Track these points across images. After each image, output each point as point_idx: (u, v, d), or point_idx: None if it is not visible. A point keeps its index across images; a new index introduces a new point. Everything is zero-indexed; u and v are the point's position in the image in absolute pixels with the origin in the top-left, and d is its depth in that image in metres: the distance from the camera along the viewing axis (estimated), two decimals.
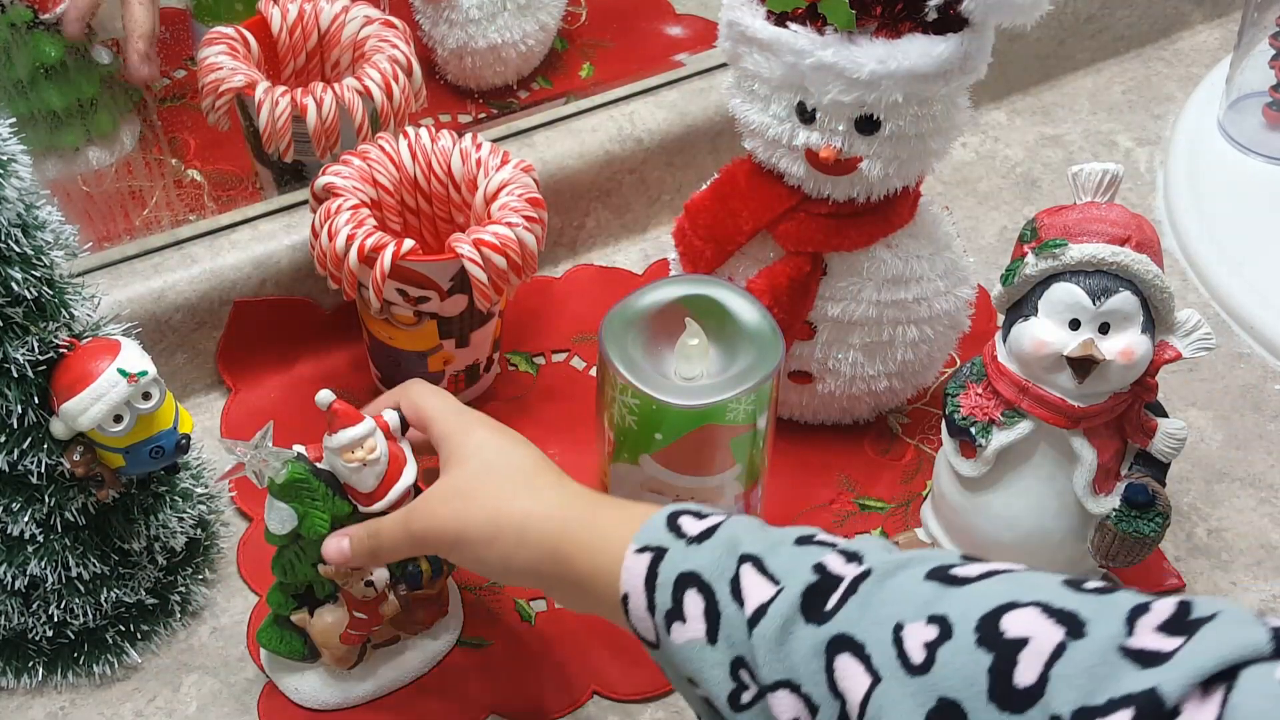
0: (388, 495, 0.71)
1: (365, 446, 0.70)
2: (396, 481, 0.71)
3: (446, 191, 0.90)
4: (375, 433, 0.71)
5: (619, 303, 0.77)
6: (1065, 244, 0.73)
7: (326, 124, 0.90)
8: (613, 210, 1.03)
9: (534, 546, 0.64)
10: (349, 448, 0.70)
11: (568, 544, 0.63)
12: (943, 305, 0.85)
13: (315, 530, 0.71)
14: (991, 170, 1.11)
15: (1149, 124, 1.14)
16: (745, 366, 0.75)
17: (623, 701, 0.80)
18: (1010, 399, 0.76)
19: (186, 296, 0.91)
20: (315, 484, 0.71)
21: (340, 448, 0.70)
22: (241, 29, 0.94)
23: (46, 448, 0.71)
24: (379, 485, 0.71)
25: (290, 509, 0.71)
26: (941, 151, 0.81)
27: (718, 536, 0.59)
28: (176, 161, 1.02)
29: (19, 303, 0.68)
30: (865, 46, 0.74)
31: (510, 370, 0.96)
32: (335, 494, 0.71)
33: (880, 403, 0.91)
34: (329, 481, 0.71)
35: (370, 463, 0.70)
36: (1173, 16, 1.21)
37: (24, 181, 0.67)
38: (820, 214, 0.82)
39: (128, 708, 0.79)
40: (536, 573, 0.65)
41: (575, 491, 0.66)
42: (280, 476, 0.70)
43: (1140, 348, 0.73)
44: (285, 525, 0.72)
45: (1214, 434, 0.93)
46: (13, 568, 0.75)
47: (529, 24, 1.05)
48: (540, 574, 0.65)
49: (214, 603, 0.84)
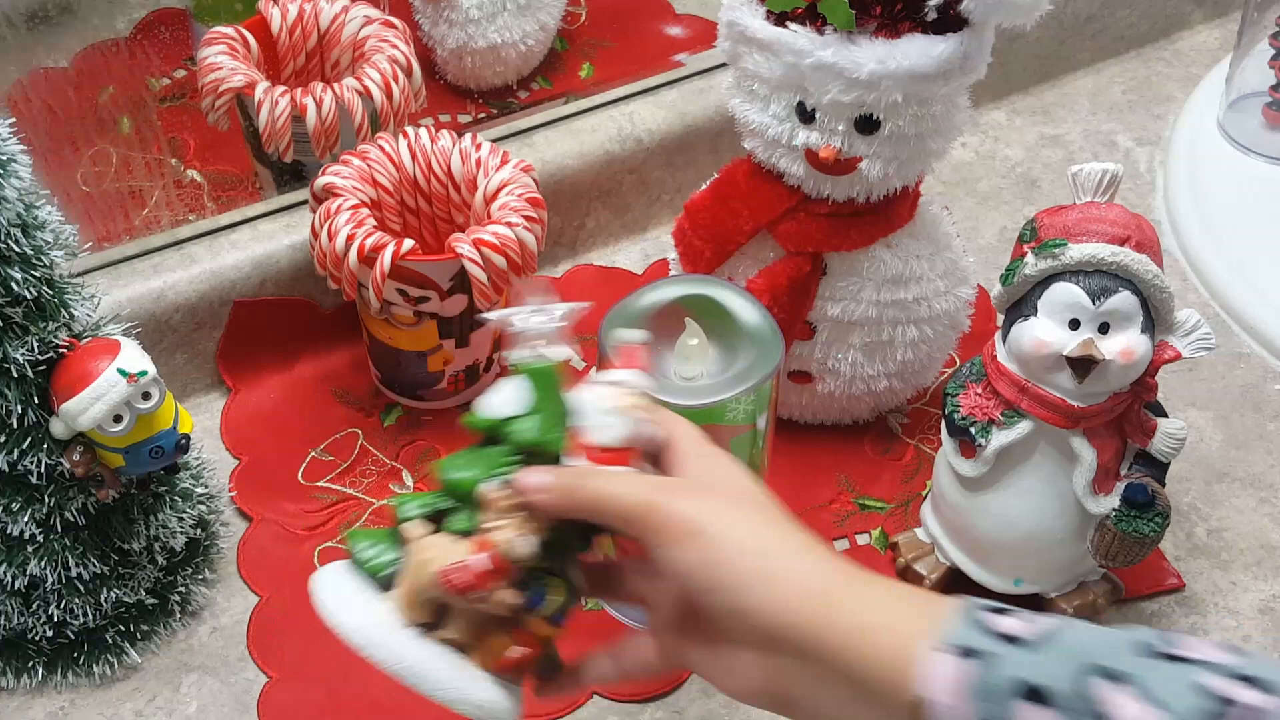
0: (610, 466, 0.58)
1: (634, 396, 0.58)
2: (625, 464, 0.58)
3: (446, 191, 0.90)
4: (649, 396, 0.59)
5: (619, 303, 0.77)
6: (1065, 244, 0.73)
7: (326, 124, 0.90)
8: (613, 210, 1.03)
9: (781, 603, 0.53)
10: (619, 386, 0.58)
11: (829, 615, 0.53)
12: (942, 305, 0.85)
13: (529, 435, 0.57)
14: (991, 170, 1.11)
15: (1149, 124, 1.14)
16: (745, 366, 0.75)
17: (623, 702, 0.80)
18: (1010, 399, 0.76)
19: (186, 296, 0.91)
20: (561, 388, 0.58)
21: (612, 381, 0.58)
22: (241, 29, 0.94)
23: (46, 448, 0.71)
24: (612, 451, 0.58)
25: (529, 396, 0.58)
26: (941, 151, 0.81)
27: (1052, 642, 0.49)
28: (176, 161, 1.02)
29: (19, 303, 0.68)
30: (865, 46, 0.74)
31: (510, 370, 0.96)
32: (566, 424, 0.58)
33: (880, 403, 0.91)
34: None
35: (625, 413, 0.57)
36: (1173, 16, 1.20)
37: (24, 181, 0.67)
38: (820, 214, 0.82)
39: (128, 708, 0.79)
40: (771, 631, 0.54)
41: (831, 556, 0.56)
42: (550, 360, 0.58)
43: (1140, 348, 0.73)
44: (505, 408, 0.58)
45: (1214, 434, 0.93)
46: (13, 568, 0.75)
47: (529, 24, 1.06)
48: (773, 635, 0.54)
49: (214, 603, 0.84)
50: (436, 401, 0.93)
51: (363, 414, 0.93)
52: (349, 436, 0.92)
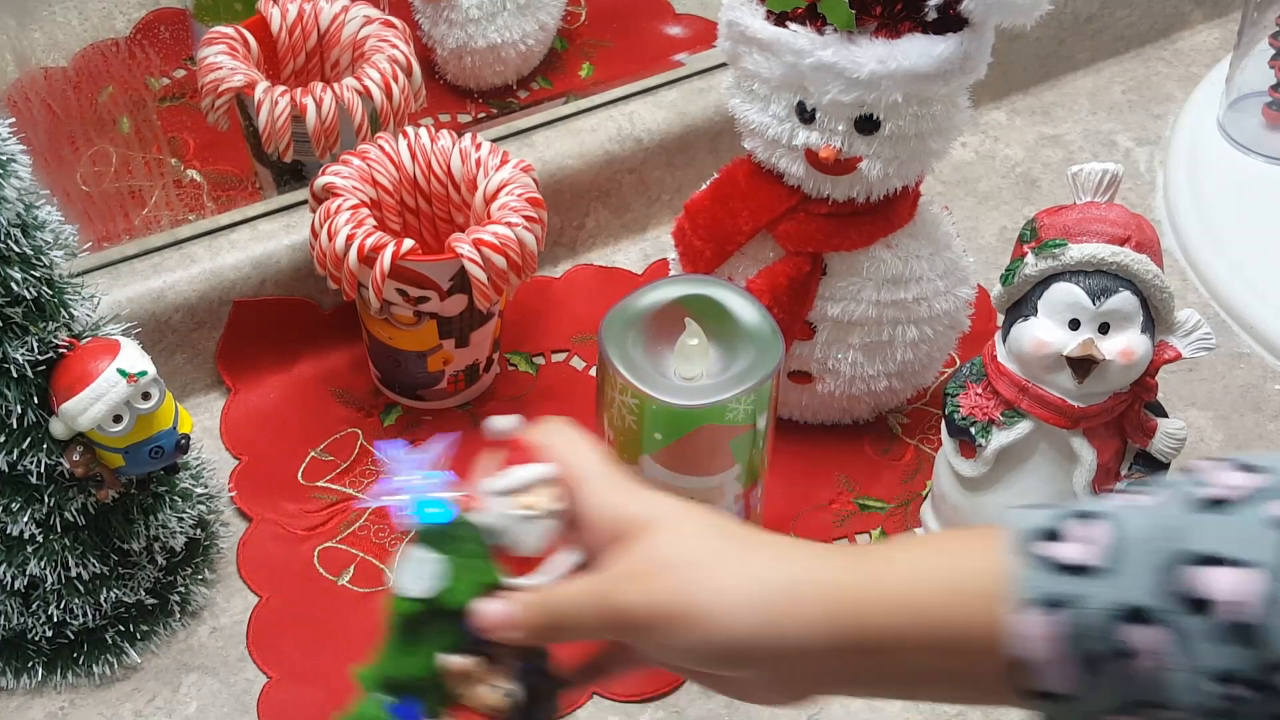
0: (552, 564, 0.56)
1: (546, 493, 0.55)
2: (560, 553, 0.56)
3: (446, 191, 0.90)
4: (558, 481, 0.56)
5: (619, 303, 0.77)
6: (1065, 244, 0.73)
7: (326, 124, 0.90)
8: (612, 210, 1.03)
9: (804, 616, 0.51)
10: (524, 489, 0.55)
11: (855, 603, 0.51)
12: (942, 305, 0.85)
13: (457, 599, 0.54)
14: (991, 170, 1.11)
15: (1149, 124, 1.14)
16: (745, 366, 0.75)
17: (623, 701, 0.80)
18: (1010, 399, 0.76)
19: (186, 296, 0.91)
20: (476, 536, 0.55)
21: (513, 488, 0.55)
22: (241, 29, 0.94)
23: (46, 448, 0.71)
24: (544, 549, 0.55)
25: (439, 562, 0.54)
26: (941, 151, 0.81)
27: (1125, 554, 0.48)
28: (176, 161, 1.02)
29: (19, 303, 0.68)
30: (865, 46, 0.74)
31: (510, 370, 0.96)
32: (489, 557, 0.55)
33: (880, 403, 0.91)
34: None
35: (545, 515, 0.55)
36: (1173, 16, 1.20)
37: (24, 181, 0.67)
38: (820, 214, 0.82)
39: (127, 708, 0.79)
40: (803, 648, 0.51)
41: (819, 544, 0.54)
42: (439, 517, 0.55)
43: (1140, 348, 0.73)
44: (426, 584, 0.54)
45: (1214, 434, 0.93)
46: (12, 568, 0.75)
47: (529, 24, 1.05)
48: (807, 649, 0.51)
49: (214, 603, 0.84)
50: (436, 401, 0.93)
51: (363, 414, 0.93)
52: (349, 436, 0.92)
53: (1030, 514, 0.51)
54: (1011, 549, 0.49)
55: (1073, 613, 0.48)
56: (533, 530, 0.55)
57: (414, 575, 0.54)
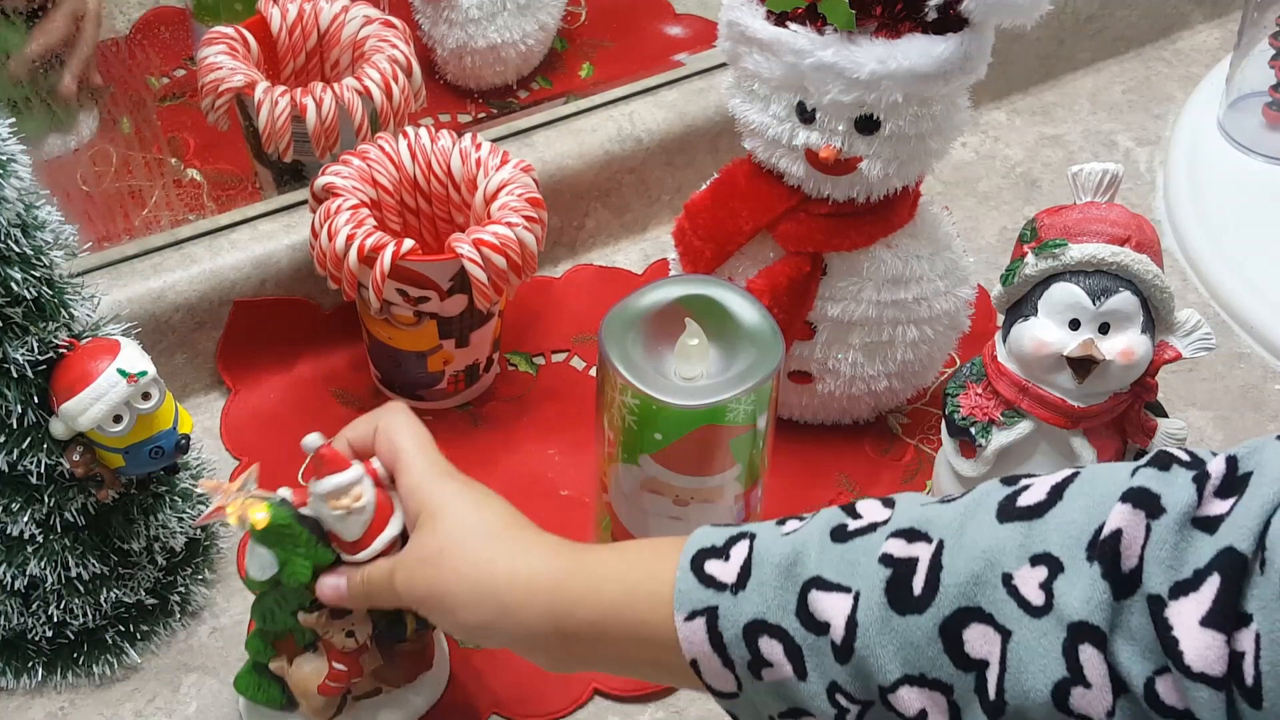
0: (373, 545, 0.68)
1: (351, 494, 0.67)
2: (382, 531, 0.68)
3: (446, 191, 0.90)
4: (363, 479, 0.68)
5: (619, 303, 0.77)
6: (1065, 244, 0.73)
7: (326, 124, 0.90)
8: (612, 210, 1.03)
9: (527, 607, 0.61)
10: (335, 494, 0.67)
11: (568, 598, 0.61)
12: (943, 305, 0.85)
13: (296, 578, 0.69)
14: (991, 170, 1.11)
15: (1149, 124, 1.14)
16: (745, 367, 0.75)
17: (623, 701, 0.80)
18: (1010, 399, 0.76)
19: (186, 296, 0.91)
20: (299, 530, 0.68)
21: (326, 494, 0.67)
22: (241, 29, 0.94)
23: (46, 448, 0.71)
24: (364, 534, 0.68)
25: (272, 555, 0.68)
26: (941, 151, 0.81)
27: (756, 574, 0.57)
28: (176, 161, 1.02)
29: (19, 303, 0.68)
30: (865, 46, 0.74)
31: (510, 370, 0.96)
32: (319, 541, 0.69)
33: (880, 403, 0.91)
34: (313, 528, 0.69)
35: (356, 510, 0.67)
36: (1173, 16, 1.21)
37: (24, 181, 0.67)
38: (820, 214, 0.82)
39: (127, 708, 0.79)
40: (530, 633, 0.62)
41: (557, 543, 0.64)
42: (262, 521, 0.67)
43: (1140, 348, 0.73)
44: (266, 571, 0.69)
45: (1214, 434, 0.93)
46: (12, 568, 0.75)
47: (529, 24, 1.06)
48: (534, 633, 0.62)
49: (213, 603, 0.84)
50: (436, 402, 0.93)
51: (362, 414, 0.93)
52: None
53: (710, 531, 0.60)
54: (684, 562, 0.58)
55: (711, 621, 0.57)
56: (349, 521, 0.67)
57: (257, 566, 0.69)
